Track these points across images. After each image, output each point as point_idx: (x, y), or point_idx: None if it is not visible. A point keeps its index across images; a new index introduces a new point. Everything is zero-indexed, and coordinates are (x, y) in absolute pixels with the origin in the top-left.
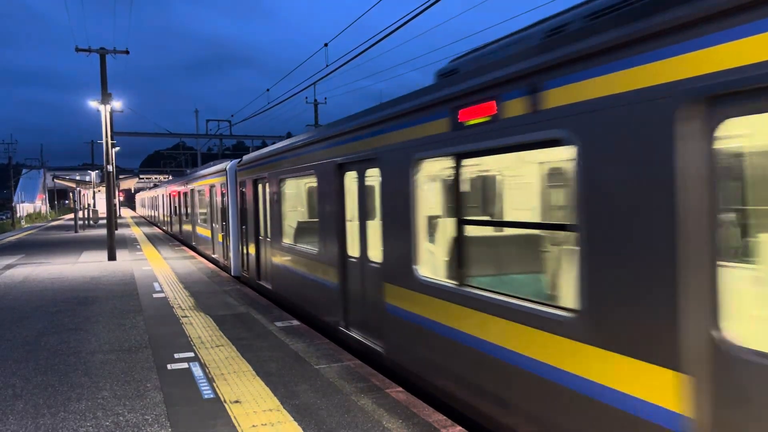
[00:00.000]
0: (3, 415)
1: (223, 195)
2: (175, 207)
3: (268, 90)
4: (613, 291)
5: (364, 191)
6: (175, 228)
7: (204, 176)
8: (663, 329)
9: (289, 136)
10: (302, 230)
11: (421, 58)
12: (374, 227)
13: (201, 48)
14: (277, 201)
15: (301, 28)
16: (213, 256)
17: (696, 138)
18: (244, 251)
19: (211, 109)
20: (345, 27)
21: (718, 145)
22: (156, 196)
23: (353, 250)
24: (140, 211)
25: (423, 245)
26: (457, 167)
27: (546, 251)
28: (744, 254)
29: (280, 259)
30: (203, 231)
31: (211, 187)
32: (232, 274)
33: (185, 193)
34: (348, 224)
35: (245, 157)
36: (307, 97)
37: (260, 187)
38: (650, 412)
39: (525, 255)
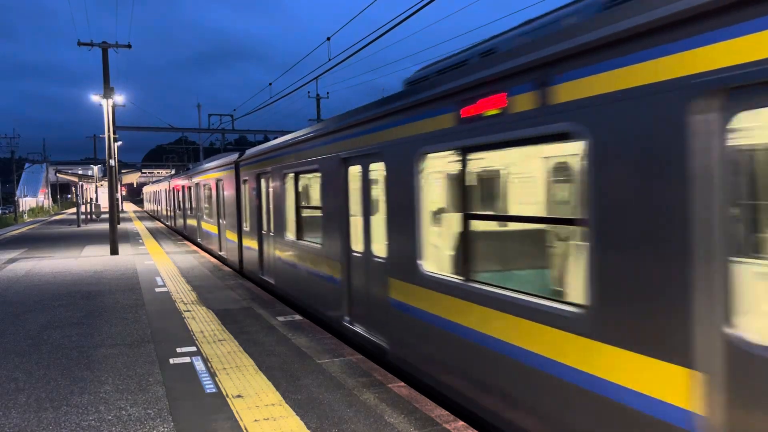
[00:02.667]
0: (6, 408)
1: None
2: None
3: (270, 84)
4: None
5: None
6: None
7: None
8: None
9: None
10: None
11: (424, 52)
12: None
13: (204, 41)
14: None
15: (307, 22)
16: None
17: None
18: None
19: (214, 103)
20: (348, 21)
21: None
22: (185, 186)
23: None
24: (148, 207)
25: None
26: None
27: None
28: None
29: None
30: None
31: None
32: None
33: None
34: None
35: None
36: (309, 92)
37: None
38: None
39: None
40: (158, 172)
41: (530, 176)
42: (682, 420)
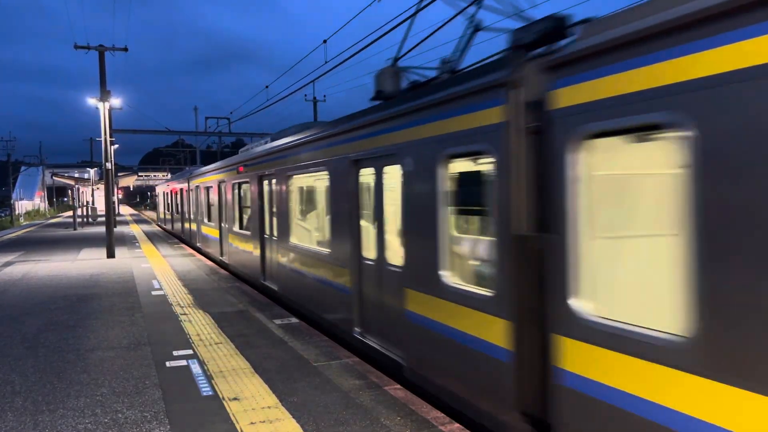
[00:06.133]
0: (2, 411)
1: None
2: None
3: (267, 87)
4: None
5: None
6: None
7: None
8: None
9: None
10: None
11: (424, 54)
12: None
13: (203, 44)
14: None
15: (305, 24)
16: None
17: None
18: None
19: (212, 106)
20: (344, 23)
21: None
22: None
23: None
24: (166, 213)
25: None
26: None
27: None
28: None
29: None
30: None
31: None
32: None
33: None
34: None
35: None
36: (306, 95)
37: None
38: None
39: None
40: (155, 175)
41: None
42: None
